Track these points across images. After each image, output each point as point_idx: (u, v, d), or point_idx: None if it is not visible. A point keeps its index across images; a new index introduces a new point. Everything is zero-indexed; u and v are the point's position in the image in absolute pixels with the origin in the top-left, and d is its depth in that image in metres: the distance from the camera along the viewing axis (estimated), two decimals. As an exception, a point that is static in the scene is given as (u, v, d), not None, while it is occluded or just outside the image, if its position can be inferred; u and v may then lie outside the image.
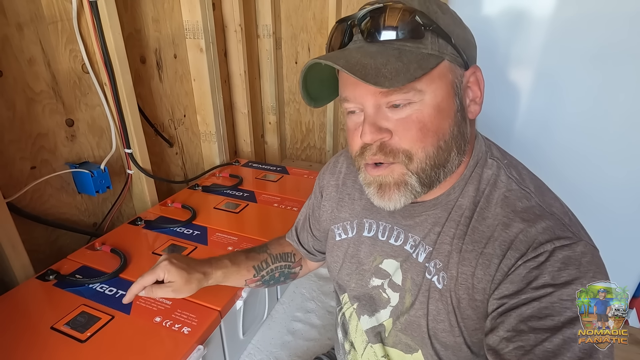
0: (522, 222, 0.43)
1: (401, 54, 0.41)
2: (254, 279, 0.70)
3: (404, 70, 0.39)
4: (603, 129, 1.04)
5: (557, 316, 0.38)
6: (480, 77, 0.46)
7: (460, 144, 0.46)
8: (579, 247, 0.41)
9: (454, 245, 0.48)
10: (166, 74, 1.27)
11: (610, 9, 0.94)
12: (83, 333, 0.70)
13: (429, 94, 0.42)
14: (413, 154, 0.43)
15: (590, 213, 0.55)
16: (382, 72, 0.39)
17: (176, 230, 1.05)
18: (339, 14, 1.59)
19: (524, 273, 0.41)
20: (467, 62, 0.45)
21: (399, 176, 0.45)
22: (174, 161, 1.38)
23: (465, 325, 0.47)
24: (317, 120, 1.88)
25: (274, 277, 0.72)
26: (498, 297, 0.43)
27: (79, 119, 1.00)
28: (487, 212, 0.46)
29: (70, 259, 0.91)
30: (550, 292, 0.39)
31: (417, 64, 0.40)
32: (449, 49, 0.42)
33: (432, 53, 0.42)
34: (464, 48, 0.44)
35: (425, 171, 0.44)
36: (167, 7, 1.22)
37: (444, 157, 0.44)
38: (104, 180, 1.02)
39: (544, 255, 0.40)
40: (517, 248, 0.42)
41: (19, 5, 0.83)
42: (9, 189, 0.85)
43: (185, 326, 0.72)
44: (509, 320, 0.40)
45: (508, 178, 0.47)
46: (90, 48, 0.99)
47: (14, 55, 0.84)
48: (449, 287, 0.48)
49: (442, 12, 0.43)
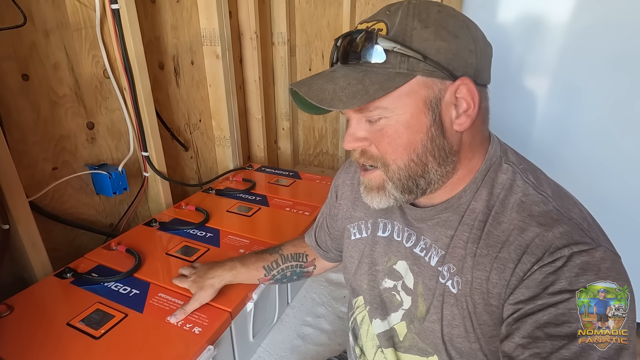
0: (538, 226, 0.43)
1: (365, 76, 0.43)
2: (265, 277, 0.77)
3: (362, 93, 0.42)
4: (622, 136, 1.01)
5: (575, 323, 0.37)
6: (471, 88, 0.43)
7: (440, 156, 0.46)
8: (598, 252, 0.40)
9: (468, 250, 0.47)
10: (183, 79, 1.30)
11: (628, 15, 0.92)
12: (97, 330, 0.72)
13: (398, 110, 0.44)
14: (388, 164, 0.47)
15: (611, 222, 0.53)
16: (339, 96, 0.43)
17: (189, 232, 1.06)
18: (353, 22, 1.60)
19: (540, 278, 0.40)
20: (455, 72, 0.43)
21: (380, 182, 0.49)
22: (188, 165, 1.41)
23: (482, 331, 0.47)
24: (330, 126, 1.89)
25: (286, 276, 0.78)
26: (513, 302, 0.42)
27: (99, 122, 1.04)
28: (502, 217, 0.46)
29: (87, 258, 0.94)
30: (567, 298, 0.38)
31: (379, 85, 0.42)
32: (421, 66, 0.42)
33: (400, 72, 0.42)
34: (449, 60, 0.42)
35: (401, 180, 0.47)
36: (186, 15, 1.26)
37: (418, 169, 0.46)
38: (121, 182, 1.05)
39: (561, 260, 0.40)
40: (533, 252, 0.42)
41: (46, 13, 0.88)
42: (31, 188, 0.88)
43: (197, 326, 0.73)
44: (525, 326, 0.39)
45: (525, 183, 0.47)
46: (112, 54, 1.02)
47: (40, 60, 0.88)
48: (464, 292, 0.47)
49: (424, 26, 0.42)
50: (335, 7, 1.64)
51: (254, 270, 0.76)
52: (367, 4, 1.59)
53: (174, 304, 0.78)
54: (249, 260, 0.77)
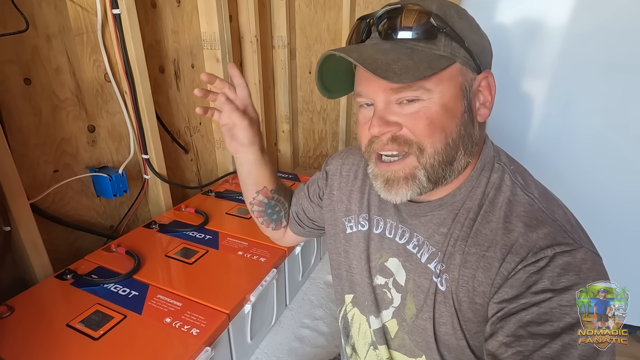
0: (523, 226, 0.44)
1: (413, 53, 0.42)
2: (266, 191, 0.69)
3: (413, 68, 0.41)
4: (616, 142, 1.02)
5: (557, 322, 0.38)
6: (492, 82, 0.46)
7: (467, 145, 0.47)
8: (580, 253, 0.40)
9: (457, 247, 0.48)
10: (183, 83, 1.32)
11: (626, 20, 0.93)
12: (96, 331, 0.73)
13: (438, 93, 0.43)
14: (424, 148, 0.44)
15: (599, 225, 0.53)
16: (392, 68, 0.41)
17: (189, 235, 1.07)
18: (353, 25, 1.61)
19: (523, 277, 0.41)
20: (480, 66, 0.46)
21: (410, 170, 0.46)
22: (189, 167, 1.42)
23: (467, 327, 0.47)
24: (330, 129, 1.90)
25: (274, 210, 0.72)
26: (498, 301, 0.43)
27: (100, 125, 1.05)
28: (491, 216, 0.47)
29: (87, 260, 0.95)
30: (549, 297, 0.39)
31: (427, 63, 0.42)
32: (462, 53, 0.43)
33: (444, 55, 0.43)
34: (478, 53, 0.45)
35: (434, 167, 0.45)
36: (186, 19, 1.27)
37: (451, 154, 0.45)
38: (121, 185, 1.06)
39: (544, 261, 0.40)
40: (517, 252, 0.43)
41: (48, 18, 0.89)
42: (33, 190, 0.89)
43: (194, 327, 0.74)
44: (508, 325, 0.40)
45: (513, 183, 0.48)
46: (113, 58, 1.04)
47: (42, 64, 0.89)
48: (451, 288, 0.48)
49: (459, 17, 0.44)
50: (335, 10, 1.65)
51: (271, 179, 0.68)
52: (367, 7, 1.60)
53: (173, 306, 0.79)
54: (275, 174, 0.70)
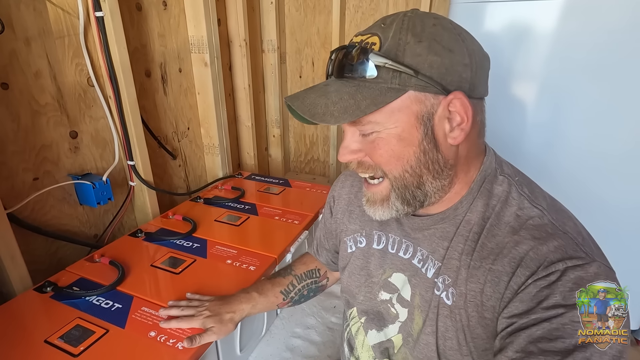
0: (532, 239, 0.43)
1: (357, 91, 0.43)
2: (284, 302, 0.74)
3: (353, 108, 0.43)
4: (606, 146, 1.02)
5: (568, 338, 0.37)
6: (464, 102, 0.43)
7: (434, 169, 0.46)
8: (592, 267, 0.39)
9: (462, 261, 0.47)
10: (171, 87, 1.29)
11: (613, 25, 0.93)
12: (76, 347, 0.69)
13: (391, 124, 0.44)
14: (386, 173, 0.47)
15: (593, 233, 0.52)
16: (331, 110, 0.43)
17: (176, 243, 1.04)
18: (342, 30, 1.61)
19: (534, 292, 0.40)
20: (447, 88, 0.43)
21: (385, 194, 0.49)
22: (176, 173, 1.39)
23: (475, 344, 0.46)
24: (321, 133, 1.88)
25: (304, 295, 0.76)
26: (507, 315, 0.42)
27: (82, 131, 1.02)
28: (497, 230, 0.46)
29: (69, 271, 0.91)
30: (561, 313, 0.38)
31: (371, 100, 0.43)
32: (414, 81, 0.42)
33: (392, 87, 0.42)
34: (442, 75, 0.42)
35: (402, 190, 0.48)
36: (173, 22, 1.25)
37: (413, 181, 0.47)
38: (105, 192, 1.02)
39: (556, 275, 0.39)
40: (527, 266, 0.41)
41: (27, 21, 0.86)
42: (11, 199, 0.86)
43: (180, 341, 0.71)
44: (518, 340, 0.39)
45: (520, 195, 0.47)
46: (96, 62, 1.01)
47: (20, 68, 0.86)
48: (458, 304, 0.47)
49: (417, 40, 0.41)
50: (325, 14, 1.64)
51: (272, 297, 0.73)
52: (357, 12, 1.59)
53: (158, 318, 0.76)
54: (264, 287, 0.74)
